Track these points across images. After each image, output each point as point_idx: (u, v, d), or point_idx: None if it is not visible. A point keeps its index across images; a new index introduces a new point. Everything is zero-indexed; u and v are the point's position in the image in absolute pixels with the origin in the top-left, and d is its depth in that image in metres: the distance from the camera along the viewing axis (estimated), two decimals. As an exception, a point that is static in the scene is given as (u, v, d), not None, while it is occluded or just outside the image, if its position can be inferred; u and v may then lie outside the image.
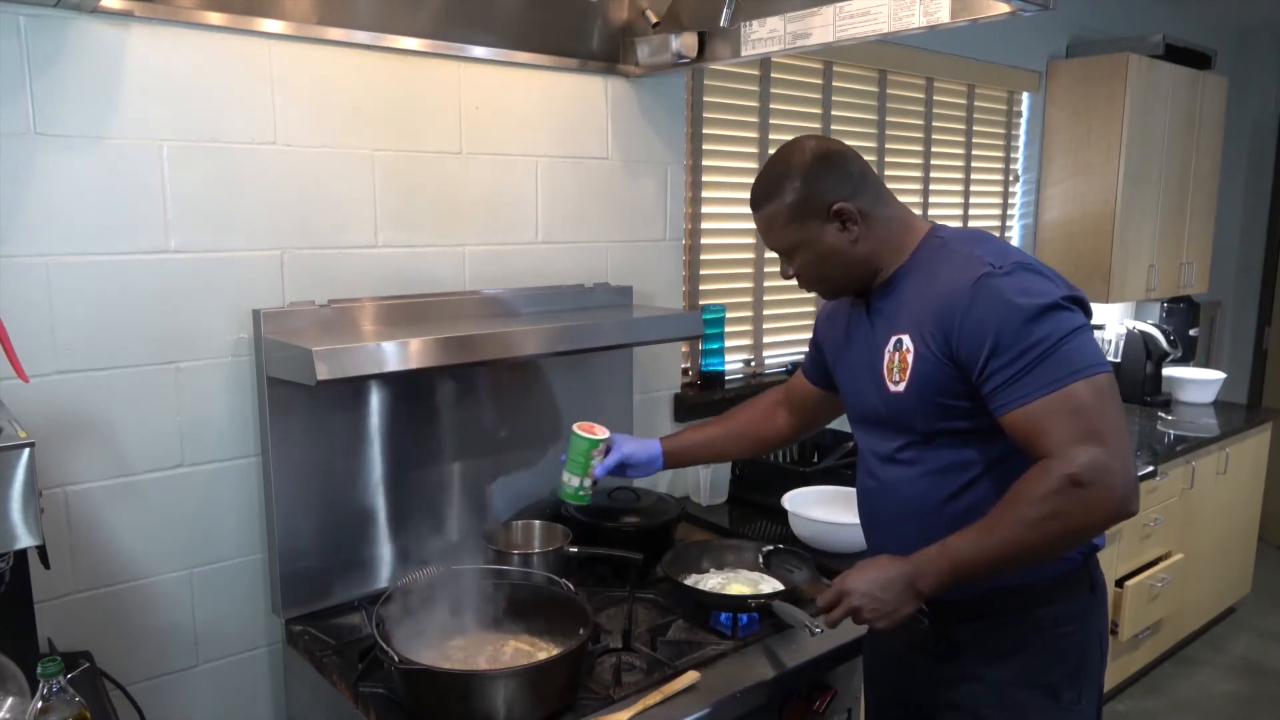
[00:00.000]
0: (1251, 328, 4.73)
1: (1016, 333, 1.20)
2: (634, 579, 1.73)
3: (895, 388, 1.34)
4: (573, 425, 1.73)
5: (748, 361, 2.73)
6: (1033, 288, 1.23)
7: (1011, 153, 3.53)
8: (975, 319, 1.23)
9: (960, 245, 1.33)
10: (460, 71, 1.91)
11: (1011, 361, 1.20)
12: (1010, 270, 1.24)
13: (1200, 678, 3.40)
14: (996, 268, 1.25)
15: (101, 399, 1.56)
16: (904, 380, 1.33)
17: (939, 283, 1.31)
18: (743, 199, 2.61)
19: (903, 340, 1.34)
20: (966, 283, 1.25)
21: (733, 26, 1.89)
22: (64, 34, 1.46)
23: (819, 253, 1.37)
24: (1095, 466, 1.15)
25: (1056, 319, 1.20)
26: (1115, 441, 1.17)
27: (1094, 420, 1.17)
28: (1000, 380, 1.22)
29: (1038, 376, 1.19)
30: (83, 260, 1.52)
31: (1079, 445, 1.16)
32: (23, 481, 1.08)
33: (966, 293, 1.25)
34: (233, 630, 1.75)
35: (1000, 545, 1.20)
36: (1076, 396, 1.18)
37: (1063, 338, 1.20)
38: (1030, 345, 1.19)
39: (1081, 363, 1.19)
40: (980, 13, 1.52)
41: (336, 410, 1.75)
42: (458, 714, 1.35)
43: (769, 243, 1.43)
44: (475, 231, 1.98)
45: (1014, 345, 1.20)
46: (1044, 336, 1.19)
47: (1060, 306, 1.22)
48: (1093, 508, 1.17)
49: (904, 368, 1.33)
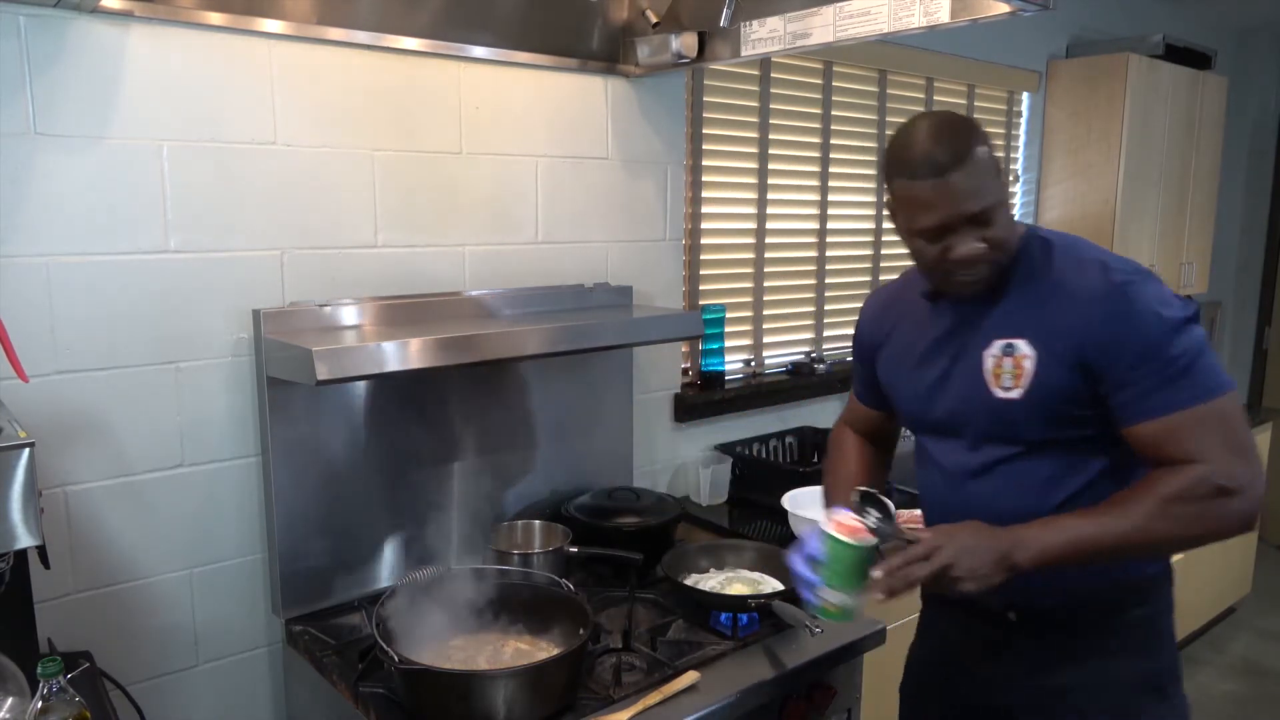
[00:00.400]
0: (1251, 328, 4.73)
1: (1161, 342, 1.20)
2: (634, 579, 1.74)
3: (1006, 394, 1.29)
4: (820, 525, 1.26)
5: (748, 361, 2.73)
6: (1169, 298, 1.23)
7: (1011, 153, 3.52)
8: (1117, 326, 1.21)
9: (1075, 250, 1.31)
10: (460, 71, 1.91)
11: (1156, 370, 1.19)
12: (1144, 277, 1.25)
13: (1200, 678, 3.40)
14: (1130, 273, 1.24)
15: (101, 399, 1.56)
16: (1018, 387, 1.28)
17: (1065, 288, 1.27)
18: (743, 199, 2.62)
19: (1015, 345, 1.29)
20: (1101, 289, 1.23)
21: (733, 26, 1.89)
22: (64, 34, 1.46)
23: (1006, 213, 1.27)
24: (1245, 480, 1.18)
25: (1194, 332, 1.22)
26: (1256, 460, 1.21)
27: (1241, 435, 1.21)
28: (1141, 389, 1.20)
29: (1184, 387, 1.19)
30: (83, 260, 1.52)
31: (1231, 456, 1.18)
32: (23, 481, 1.08)
33: (1107, 299, 1.23)
34: (233, 630, 1.75)
35: (1129, 532, 1.19)
36: (1225, 410, 1.20)
37: (1201, 351, 1.21)
38: (1175, 355, 1.19)
39: (1221, 379, 1.21)
40: (980, 13, 1.52)
41: (336, 410, 1.75)
42: (458, 714, 1.35)
43: (949, 213, 1.22)
44: (475, 231, 1.98)
45: (1159, 355, 1.19)
46: (1187, 348, 1.20)
47: (1194, 320, 1.23)
48: (1231, 519, 1.20)
49: (1018, 374, 1.28)
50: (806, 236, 2.82)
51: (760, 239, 2.68)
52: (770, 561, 1.85)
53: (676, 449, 2.47)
